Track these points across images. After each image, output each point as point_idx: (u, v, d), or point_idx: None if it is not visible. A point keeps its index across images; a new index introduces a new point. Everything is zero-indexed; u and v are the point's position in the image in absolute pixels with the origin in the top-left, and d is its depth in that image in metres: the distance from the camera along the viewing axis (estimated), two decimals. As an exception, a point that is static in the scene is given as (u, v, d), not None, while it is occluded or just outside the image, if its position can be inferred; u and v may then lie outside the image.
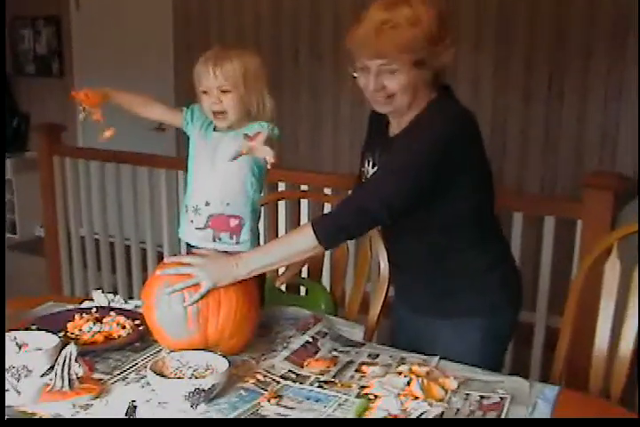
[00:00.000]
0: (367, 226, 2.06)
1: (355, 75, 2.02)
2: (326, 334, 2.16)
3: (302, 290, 2.67)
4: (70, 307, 2.37)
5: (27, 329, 2.09)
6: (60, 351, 1.87)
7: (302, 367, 1.98)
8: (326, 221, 1.99)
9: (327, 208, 3.04)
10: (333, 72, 4.98)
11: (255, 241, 2.24)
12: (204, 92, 2.16)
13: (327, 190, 3.43)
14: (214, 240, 2.20)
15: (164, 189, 4.19)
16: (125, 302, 2.39)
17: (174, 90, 5.52)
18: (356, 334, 2.21)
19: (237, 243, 2.22)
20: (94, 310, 2.28)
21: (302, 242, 1.97)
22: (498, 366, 2.18)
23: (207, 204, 2.16)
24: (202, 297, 1.93)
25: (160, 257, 4.23)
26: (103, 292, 2.43)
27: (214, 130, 2.25)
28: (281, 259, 2.01)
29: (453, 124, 1.96)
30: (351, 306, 2.51)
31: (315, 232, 1.94)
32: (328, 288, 2.66)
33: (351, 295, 2.56)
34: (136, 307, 2.32)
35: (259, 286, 2.13)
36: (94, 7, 5.93)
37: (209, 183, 2.15)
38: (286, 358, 2.01)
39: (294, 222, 3.17)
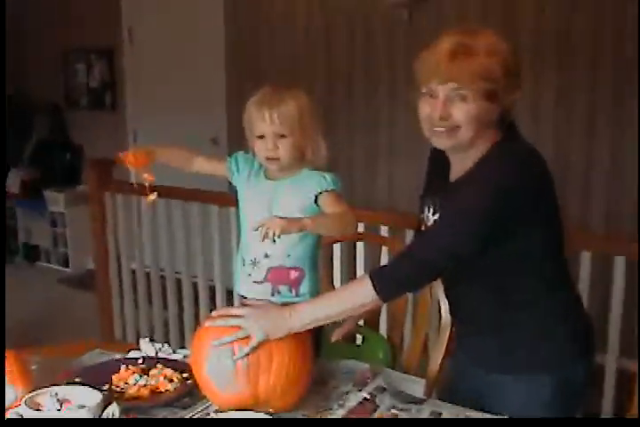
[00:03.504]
0: (428, 278, 1.93)
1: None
2: (385, 389, 2.02)
3: (358, 337, 2.53)
4: (117, 356, 2.27)
5: (70, 383, 1.99)
6: (103, 411, 1.77)
7: (360, 427, 1.84)
8: (386, 273, 1.86)
9: (384, 251, 2.91)
10: (389, 102, 4.86)
11: (315, 293, 2.13)
12: (259, 137, 2.07)
13: (384, 229, 3.30)
14: (273, 294, 2.10)
15: (217, 224, 4.08)
16: (174, 351, 2.28)
17: (227, 124, 5.46)
18: (417, 389, 2.06)
19: (297, 295, 2.12)
20: (140, 360, 2.17)
21: (360, 295, 1.84)
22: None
23: (267, 256, 2.06)
24: (252, 350, 1.82)
25: (212, 291, 4.17)
26: (151, 340, 2.32)
27: (266, 177, 2.15)
28: (337, 312, 1.89)
29: (522, 171, 1.81)
30: (410, 356, 2.37)
31: (374, 285, 1.81)
32: (385, 335, 2.52)
33: (410, 344, 2.42)
34: (184, 357, 2.21)
35: (314, 337, 2.00)
36: (147, 40, 5.91)
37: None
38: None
39: (350, 267, 3.02)
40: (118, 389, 2.01)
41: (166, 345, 2.31)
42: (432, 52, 1.83)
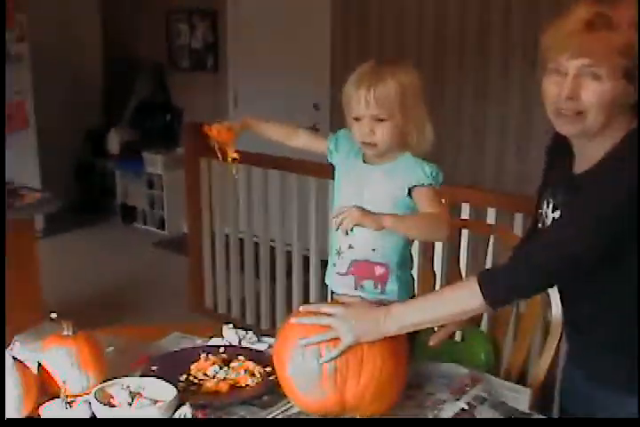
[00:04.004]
0: (545, 286, 1.71)
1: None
2: (485, 399, 1.82)
3: (458, 333, 2.33)
4: (197, 342, 2.13)
5: (145, 374, 1.86)
6: (175, 410, 1.64)
7: (456, 443, 1.66)
8: (497, 277, 1.65)
9: (491, 242, 2.69)
10: (501, 75, 4.57)
11: (406, 291, 1.96)
12: (356, 119, 1.87)
13: (490, 211, 3.07)
14: (356, 288, 1.93)
15: (313, 195, 3.91)
16: (258, 339, 2.13)
17: (330, 90, 5.25)
18: (521, 399, 1.85)
19: (383, 293, 1.94)
20: (222, 349, 2.03)
21: (466, 300, 1.64)
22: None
23: (351, 247, 1.88)
24: (341, 353, 1.65)
25: (306, 262, 4.03)
26: (235, 327, 2.17)
27: (364, 161, 1.96)
28: (438, 318, 1.69)
29: None
30: (515, 360, 2.16)
31: (482, 291, 1.60)
32: (487, 332, 2.32)
33: (515, 346, 2.21)
34: (269, 347, 2.06)
35: (409, 339, 1.81)
36: (251, 1, 5.74)
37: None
38: (436, 432, 1.69)
39: (452, 258, 2.77)
40: (196, 380, 1.88)
41: (251, 333, 2.15)
42: (564, 22, 1.58)
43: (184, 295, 4.72)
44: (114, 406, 1.67)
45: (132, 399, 1.68)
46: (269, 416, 1.74)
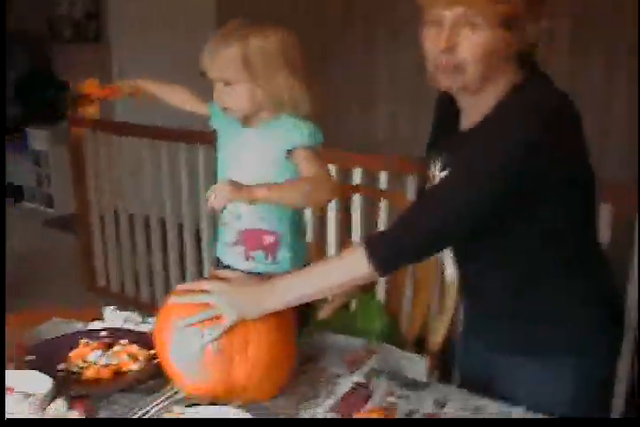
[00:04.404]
0: (435, 249, 1.64)
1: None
2: (382, 372, 1.75)
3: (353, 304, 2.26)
4: (77, 326, 2.00)
5: (21, 361, 1.73)
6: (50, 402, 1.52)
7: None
8: (383, 242, 1.55)
9: (383, 207, 2.61)
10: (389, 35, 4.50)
11: (299, 261, 1.87)
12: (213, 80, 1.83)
13: (383, 175, 2.99)
14: (247, 259, 1.84)
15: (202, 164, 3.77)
16: (143, 320, 2.01)
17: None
18: (419, 369, 1.79)
19: (274, 263, 1.85)
20: (103, 333, 1.90)
21: (352, 268, 1.55)
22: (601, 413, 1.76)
23: (238, 217, 1.77)
24: (224, 333, 1.54)
25: (198, 235, 3.90)
26: (117, 309, 2.04)
27: (243, 124, 1.86)
28: (324, 289, 1.60)
29: (549, 123, 1.47)
30: (412, 327, 2.10)
31: (369, 257, 1.52)
32: (383, 300, 2.25)
33: (411, 311, 2.15)
34: (155, 328, 1.94)
35: (300, 311, 1.72)
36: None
37: None
38: (331, 409, 1.60)
39: (343, 224, 2.68)
40: (76, 369, 1.75)
41: (135, 314, 2.02)
42: None
43: (77, 275, 4.55)
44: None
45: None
46: (154, 403, 1.63)
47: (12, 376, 1.60)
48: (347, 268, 1.56)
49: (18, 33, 6.09)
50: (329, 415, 1.58)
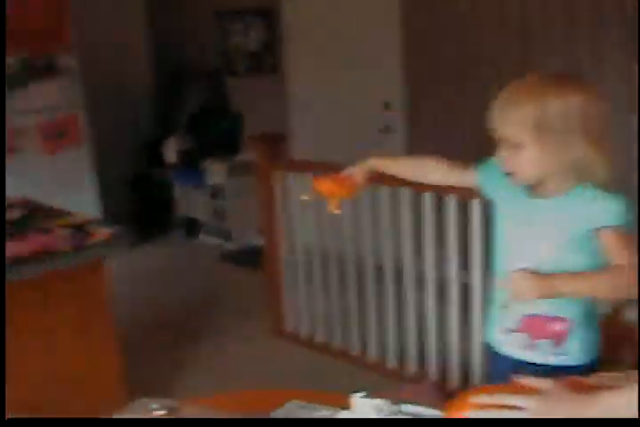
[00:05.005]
0: None
1: None
2: None
3: None
4: (322, 413, 1.77)
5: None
6: None
7: None
8: None
9: None
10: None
11: (590, 351, 1.59)
12: (498, 142, 1.60)
13: None
14: (527, 348, 1.58)
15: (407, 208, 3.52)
16: (398, 410, 1.75)
17: (400, 87, 4.85)
18: None
19: (561, 354, 1.59)
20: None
21: None
22: None
23: (520, 301, 1.53)
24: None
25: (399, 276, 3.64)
26: (367, 396, 1.80)
27: (528, 194, 1.61)
28: None
29: None
30: None
31: None
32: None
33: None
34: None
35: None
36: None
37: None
38: None
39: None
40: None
41: (385, 401, 1.78)
42: None
43: (260, 315, 4.39)
44: None
45: None
46: None
47: None
48: None
49: (193, 65, 6.07)
50: None
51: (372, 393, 1.79)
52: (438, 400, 2.54)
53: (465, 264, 3.27)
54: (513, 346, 1.68)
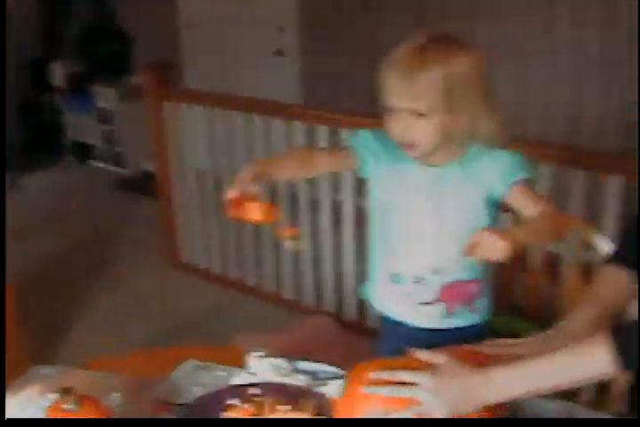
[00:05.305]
0: None
1: None
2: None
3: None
4: (219, 375, 1.77)
5: None
6: None
7: None
8: (634, 344, 1.27)
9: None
10: None
11: (489, 309, 1.64)
12: (390, 111, 1.52)
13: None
14: (445, 317, 1.61)
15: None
16: (295, 369, 1.76)
17: (295, 13, 4.73)
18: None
19: (473, 313, 1.65)
20: (253, 391, 1.65)
21: (592, 366, 1.28)
22: None
23: (437, 272, 1.53)
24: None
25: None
26: (264, 355, 1.79)
27: (421, 162, 1.60)
28: (553, 386, 1.33)
29: None
30: None
31: (617, 356, 1.25)
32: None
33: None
34: (312, 379, 1.70)
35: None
36: None
37: (437, 244, 1.51)
38: None
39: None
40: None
41: (282, 361, 1.78)
42: None
43: (156, 246, 4.33)
44: None
45: None
46: None
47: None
48: (585, 366, 1.28)
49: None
50: None
51: (271, 328, 1.79)
52: (335, 334, 2.58)
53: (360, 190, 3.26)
54: (431, 317, 1.71)
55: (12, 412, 1.60)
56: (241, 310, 3.75)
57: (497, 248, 1.38)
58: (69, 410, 1.42)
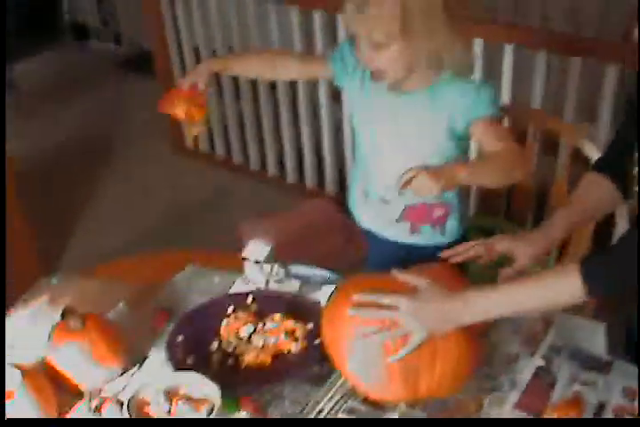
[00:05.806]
0: None
1: None
2: (560, 348, 1.60)
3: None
4: (216, 281, 1.87)
5: (171, 343, 1.63)
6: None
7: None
8: (603, 266, 1.36)
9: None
10: None
11: (463, 227, 1.67)
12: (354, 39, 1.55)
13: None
14: (412, 234, 1.66)
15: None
16: (286, 273, 1.84)
17: None
18: (597, 340, 1.64)
19: (442, 234, 1.68)
20: (250, 299, 1.76)
21: (562, 291, 1.36)
22: None
23: (400, 193, 1.58)
24: (411, 351, 1.40)
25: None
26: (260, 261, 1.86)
27: (389, 88, 1.61)
28: (526, 309, 1.42)
29: None
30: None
31: (585, 286, 1.32)
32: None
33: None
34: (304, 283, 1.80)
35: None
36: None
37: (398, 166, 1.55)
38: (517, 406, 1.47)
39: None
40: (230, 349, 1.64)
41: (276, 267, 1.86)
42: None
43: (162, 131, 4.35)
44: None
45: (170, 402, 1.46)
46: (327, 397, 1.52)
47: (175, 379, 1.50)
48: (555, 294, 1.37)
49: None
50: (516, 413, 1.47)
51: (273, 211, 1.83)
52: (335, 215, 2.66)
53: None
54: (398, 234, 1.77)
55: (23, 324, 1.71)
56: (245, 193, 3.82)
57: (426, 187, 1.41)
58: (75, 328, 1.52)
